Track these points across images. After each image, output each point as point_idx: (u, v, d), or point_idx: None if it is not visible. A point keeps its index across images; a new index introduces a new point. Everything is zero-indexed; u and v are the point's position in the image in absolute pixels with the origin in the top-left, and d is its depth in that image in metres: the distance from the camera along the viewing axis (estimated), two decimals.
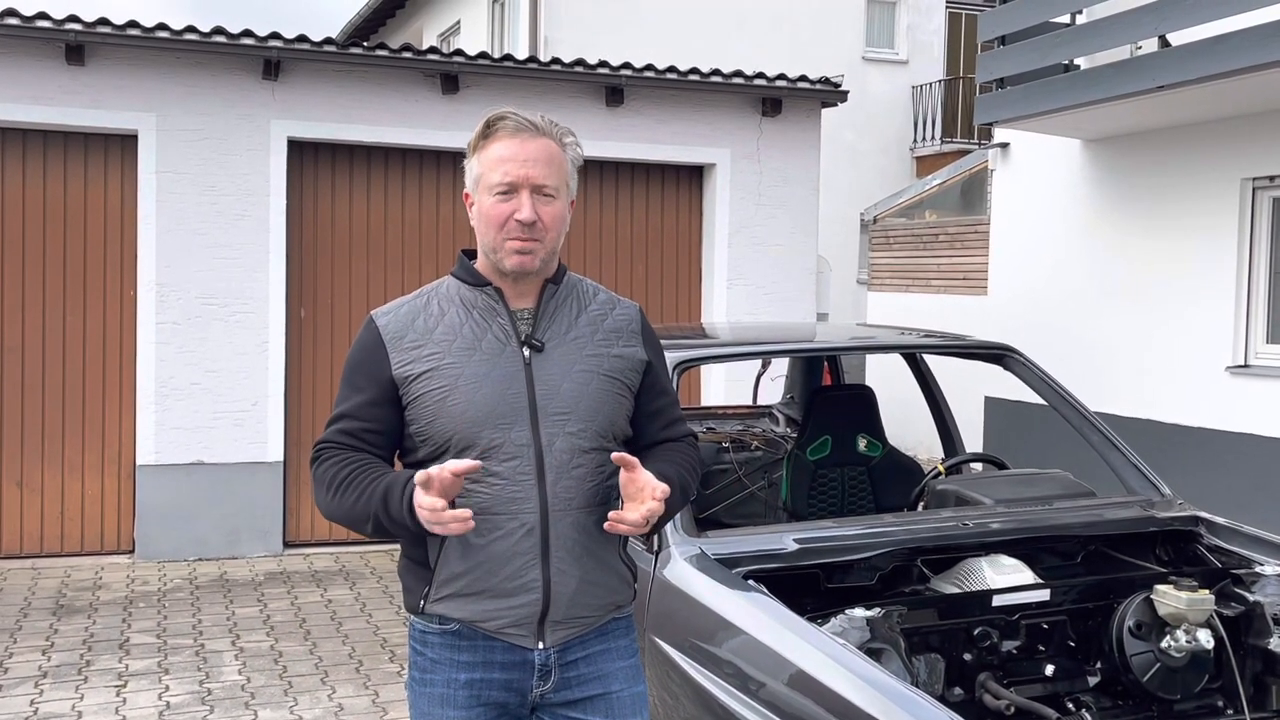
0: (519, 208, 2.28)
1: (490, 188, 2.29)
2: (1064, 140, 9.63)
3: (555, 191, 2.32)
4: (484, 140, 2.32)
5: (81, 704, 5.33)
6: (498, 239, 2.30)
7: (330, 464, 2.32)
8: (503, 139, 2.30)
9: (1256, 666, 3.38)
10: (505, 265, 2.31)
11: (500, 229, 2.29)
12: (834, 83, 9.41)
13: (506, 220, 2.28)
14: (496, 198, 2.29)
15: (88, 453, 7.97)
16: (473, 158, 2.35)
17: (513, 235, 2.29)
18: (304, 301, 8.41)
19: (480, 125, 2.34)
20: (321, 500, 2.33)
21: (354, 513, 2.27)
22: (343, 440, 2.34)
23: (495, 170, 2.29)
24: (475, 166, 2.34)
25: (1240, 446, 8.07)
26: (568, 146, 2.36)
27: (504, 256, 2.31)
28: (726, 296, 9.30)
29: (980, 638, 3.25)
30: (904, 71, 17.01)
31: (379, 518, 2.23)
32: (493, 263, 2.35)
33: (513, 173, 2.28)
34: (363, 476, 2.27)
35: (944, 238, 12.33)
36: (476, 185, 2.33)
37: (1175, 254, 8.68)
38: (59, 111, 7.70)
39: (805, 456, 4.97)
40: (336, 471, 2.30)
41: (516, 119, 2.31)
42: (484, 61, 8.47)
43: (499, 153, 2.29)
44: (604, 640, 2.42)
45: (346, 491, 2.27)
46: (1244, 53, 6.77)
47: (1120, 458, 4.20)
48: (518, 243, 2.29)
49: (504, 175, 2.28)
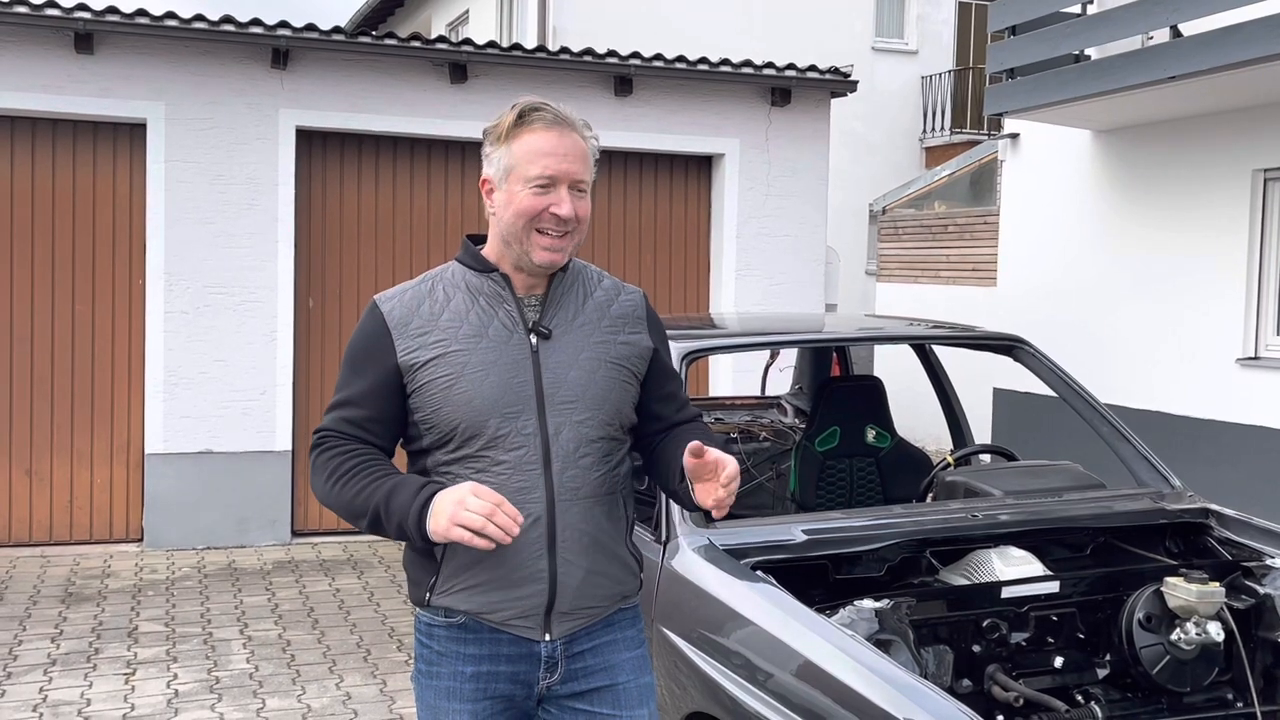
0: (557, 203, 2.25)
1: (527, 180, 2.25)
2: (1074, 131, 9.59)
3: (587, 187, 2.31)
4: (517, 129, 2.27)
5: (90, 691, 5.35)
6: (526, 229, 2.27)
7: (332, 454, 2.29)
8: (539, 131, 2.26)
9: (1267, 659, 3.37)
10: (532, 259, 2.28)
11: (531, 221, 2.26)
12: (843, 73, 9.38)
13: (541, 213, 2.25)
14: (533, 190, 2.25)
15: (96, 441, 7.99)
16: (501, 146, 2.29)
17: (545, 229, 2.26)
18: (312, 291, 8.41)
19: (511, 113, 2.29)
20: (319, 488, 2.31)
21: (353, 506, 2.25)
22: (345, 429, 2.31)
23: (533, 163, 2.25)
24: (504, 156, 2.28)
25: (1250, 439, 8.04)
26: (589, 140, 2.35)
27: (531, 250, 2.28)
28: (735, 287, 9.28)
29: (989, 629, 3.24)
30: (913, 62, 16.96)
31: (378, 514, 2.21)
32: (514, 253, 2.31)
33: (553, 167, 2.25)
34: (366, 471, 2.25)
35: (953, 229, 12.30)
36: (506, 175, 2.28)
37: (1185, 245, 8.64)
38: (67, 100, 7.70)
39: (814, 447, 4.96)
40: (340, 462, 2.27)
41: (553, 111, 2.28)
42: (492, 51, 8.46)
43: (537, 145, 2.26)
44: (611, 631, 2.41)
45: (348, 484, 2.25)
46: (1255, 43, 6.73)
47: (1130, 449, 4.19)
48: (549, 239, 2.27)
49: (544, 169, 2.25)
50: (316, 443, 2.34)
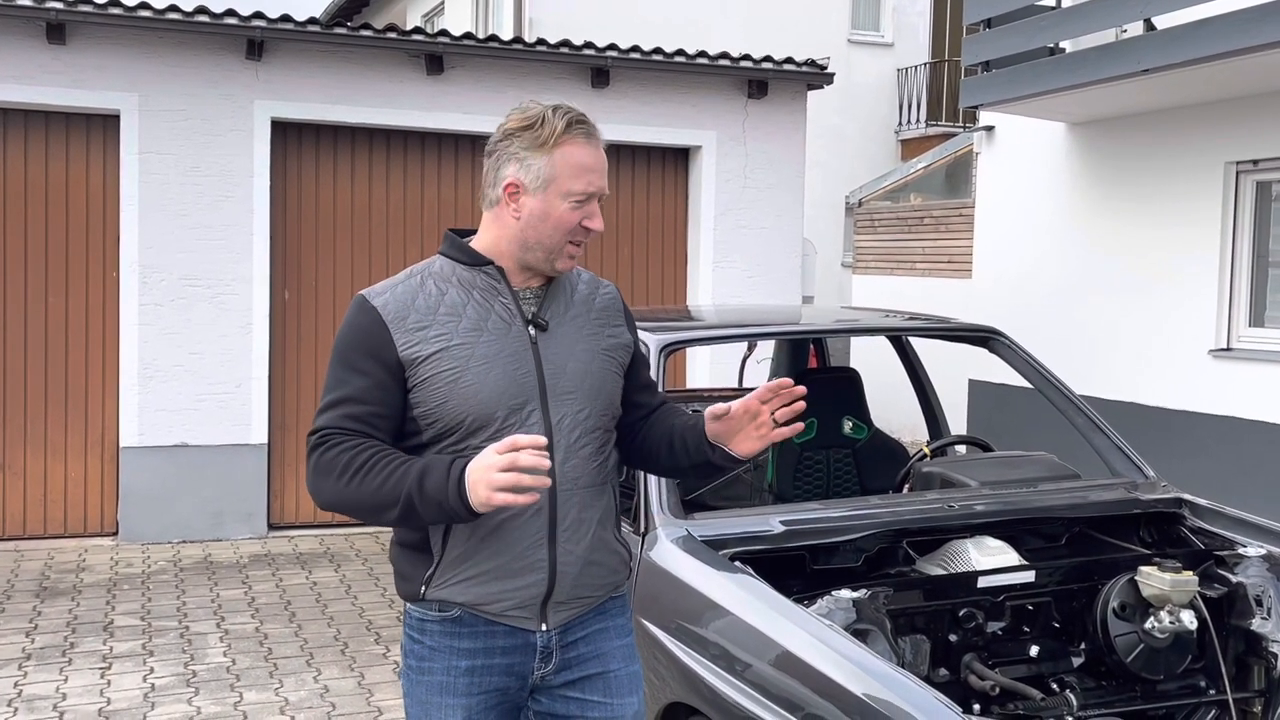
0: (591, 217, 2.31)
1: (567, 194, 2.27)
2: (1049, 123, 9.63)
3: None
4: (561, 140, 2.26)
5: (66, 686, 5.32)
6: (560, 242, 2.31)
7: (340, 449, 2.21)
8: (582, 144, 2.28)
9: (1239, 647, 3.41)
10: (557, 266, 2.34)
11: (567, 234, 2.30)
12: (820, 65, 9.40)
13: (576, 227, 2.30)
14: (572, 204, 2.28)
15: (70, 435, 7.93)
16: (540, 154, 2.26)
17: (577, 240, 2.32)
18: (288, 283, 8.37)
19: (555, 119, 2.26)
20: (327, 487, 2.22)
21: (378, 497, 2.17)
22: (350, 426, 2.23)
23: (578, 179, 2.27)
24: (545, 166, 2.26)
25: (1223, 429, 8.10)
26: None
27: (558, 259, 2.33)
28: (712, 279, 9.29)
29: (965, 619, 3.27)
30: (889, 54, 16.99)
31: (411, 500, 2.14)
32: (536, 258, 2.32)
33: (595, 184, 2.30)
34: (384, 462, 2.18)
35: (929, 221, 12.34)
36: (545, 185, 2.27)
37: (1159, 237, 8.70)
38: (40, 91, 7.63)
39: (791, 439, 4.97)
40: (352, 457, 2.19)
41: (591, 124, 2.32)
42: (469, 42, 8.43)
43: (582, 160, 2.28)
44: (602, 619, 2.43)
45: (367, 477, 2.17)
46: (1228, 36, 6.77)
47: (1104, 440, 4.22)
48: (574, 248, 2.33)
49: (588, 185, 2.29)
50: (318, 443, 2.25)
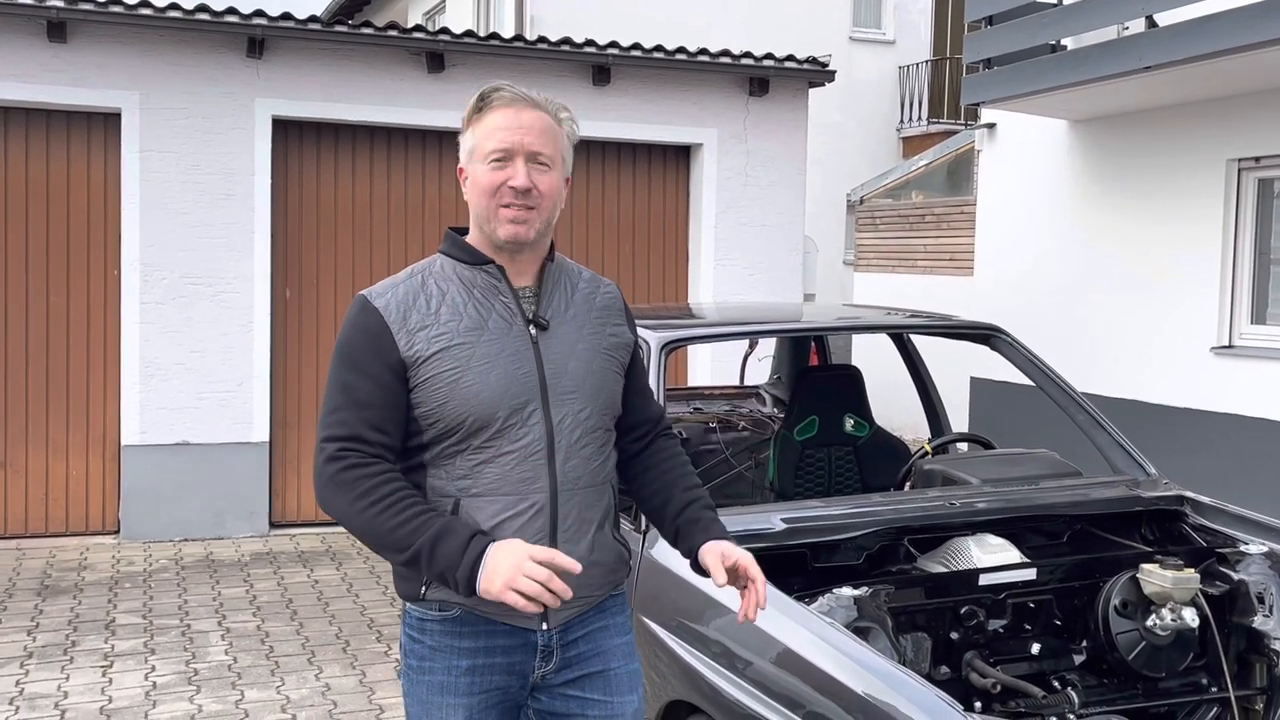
0: (513, 174, 2.24)
1: (485, 155, 2.26)
2: (1050, 121, 9.62)
3: (550, 161, 2.29)
4: (479, 113, 2.30)
5: (67, 684, 5.32)
6: (490, 206, 2.27)
7: (363, 474, 2.20)
8: (498, 109, 2.28)
9: (1241, 644, 3.40)
10: (499, 236, 2.27)
11: (493, 196, 2.26)
12: (821, 62, 9.39)
13: (500, 187, 2.25)
14: (491, 165, 2.26)
15: (72, 433, 7.94)
16: (467, 131, 2.32)
17: (506, 203, 2.25)
18: (289, 281, 8.37)
19: (474, 98, 2.32)
20: (339, 505, 2.21)
21: (387, 538, 2.17)
22: (365, 434, 2.21)
23: (490, 139, 2.26)
24: (470, 138, 2.31)
25: (1225, 427, 8.10)
26: (563, 121, 2.35)
27: (497, 226, 2.27)
28: (713, 276, 9.29)
29: (967, 616, 3.26)
30: (891, 52, 16.98)
31: (418, 555, 2.14)
32: (486, 235, 2.31)
33: (507, 140, 2.25)
34: (404, 505, 2.17)
35: (930, 218, 12.33)
36: (471, 156, 2.30)
37: (1160, 234, 8.69)
38: (41, 89, 7.63)
39: (792, 437, 4.98)
40: (372, 486, 2.18)
41: (512, 90, 2.29)
42: (470, 40, 8.42)
43: (495, 122, 2.27)
44: (603, 617, 2.42)
45: (383, 514, 2.16)
46: (1231, 33, 6.76)
47: (1106, 438, 4.22)
48: (512, 211, 2.25)
49: (499, 142, 2.25)
50: (336, 454, 2.22)
